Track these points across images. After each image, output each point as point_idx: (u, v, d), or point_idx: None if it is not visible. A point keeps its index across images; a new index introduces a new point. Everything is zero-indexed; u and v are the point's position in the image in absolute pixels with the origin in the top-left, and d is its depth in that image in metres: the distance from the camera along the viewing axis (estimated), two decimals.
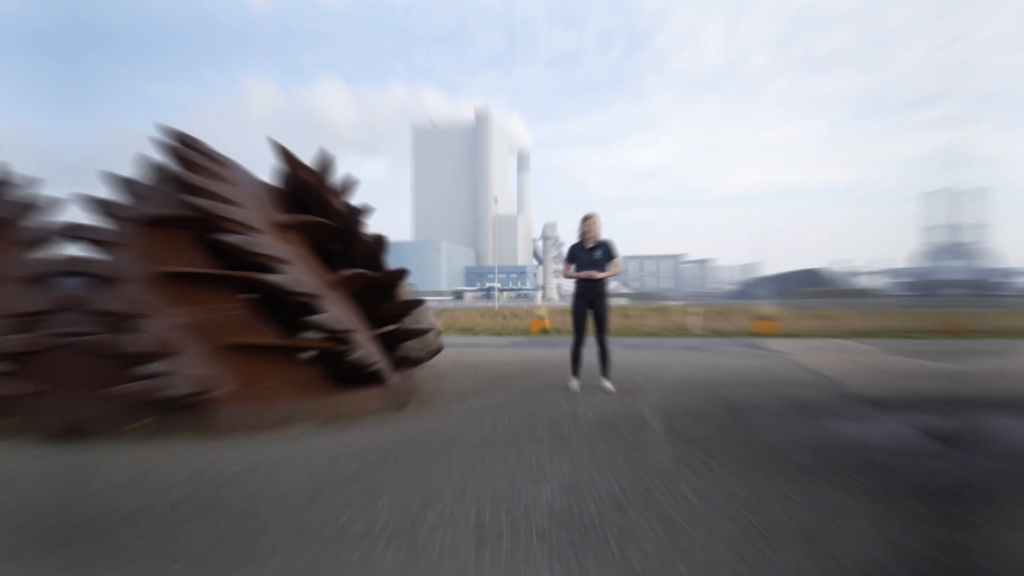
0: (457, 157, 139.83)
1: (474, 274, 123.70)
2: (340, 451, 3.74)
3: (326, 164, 5.64)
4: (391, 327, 5.57)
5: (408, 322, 8.04)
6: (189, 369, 4.06)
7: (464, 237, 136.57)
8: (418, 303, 5.98)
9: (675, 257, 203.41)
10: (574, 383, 6.44)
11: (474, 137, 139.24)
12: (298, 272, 4.59)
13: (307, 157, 5.92)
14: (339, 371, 5.26)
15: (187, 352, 4.12)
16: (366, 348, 4.76)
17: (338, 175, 5.91)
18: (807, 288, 77.98)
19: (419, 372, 7.74)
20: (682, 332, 17.45)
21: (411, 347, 7.95)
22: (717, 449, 3.76)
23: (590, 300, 6.31)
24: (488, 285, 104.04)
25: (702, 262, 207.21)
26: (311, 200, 5.35)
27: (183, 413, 4.08)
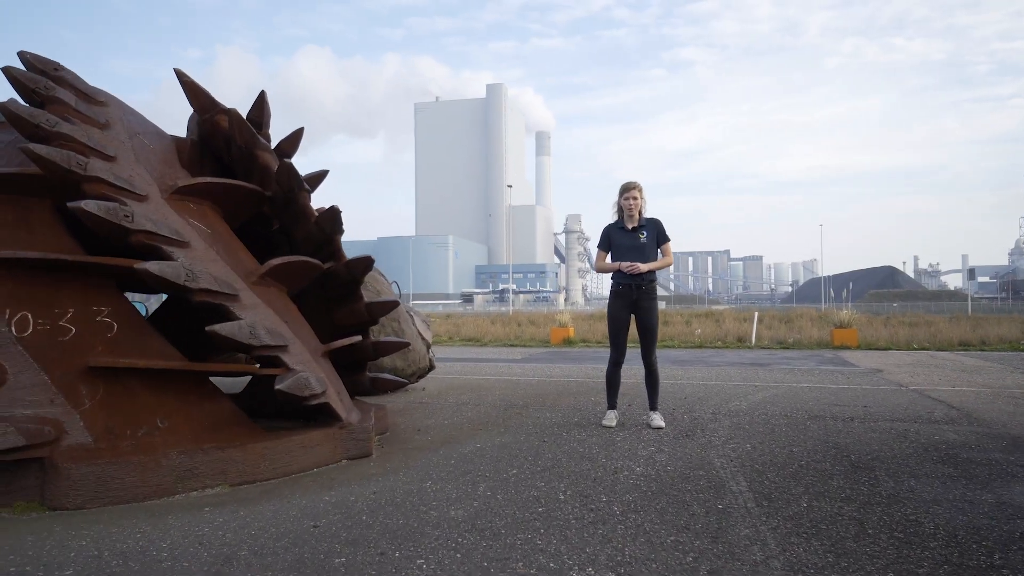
0: (466, 139, 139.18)
1: (486, 274, 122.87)
2: (241, 541, 2.66)
3: (261, 109, 4.61)
4: (350, 340, 4.49)
5: (389, 331, 6.98)
6: (15, 407, 3.01)
7: (474, 231, 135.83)
8: (392, 305, 4.90)
9: (718, 254, 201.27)
10: (611, 417, 5.32)
11: (485, 115, 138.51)
12: (197, 258, 3.53)
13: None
14: (272, 406, 4.20)
15: (16, 382, 3.07)
16: (303, 371, 3.68)
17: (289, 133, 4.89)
18: (883, 289, 75.92)
19: (399, 399, 6.66)
20: (739, 343, 16.23)
21: (389, 366, 6.89)
22: (856, 545, 2.62)
23: (634, 301, 5.18)
24: (502, 287, 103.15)
25: (751, 259, 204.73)
26: (237, 158, 4.30)
27: (3, 477, 3.03)
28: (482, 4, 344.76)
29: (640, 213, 5.28)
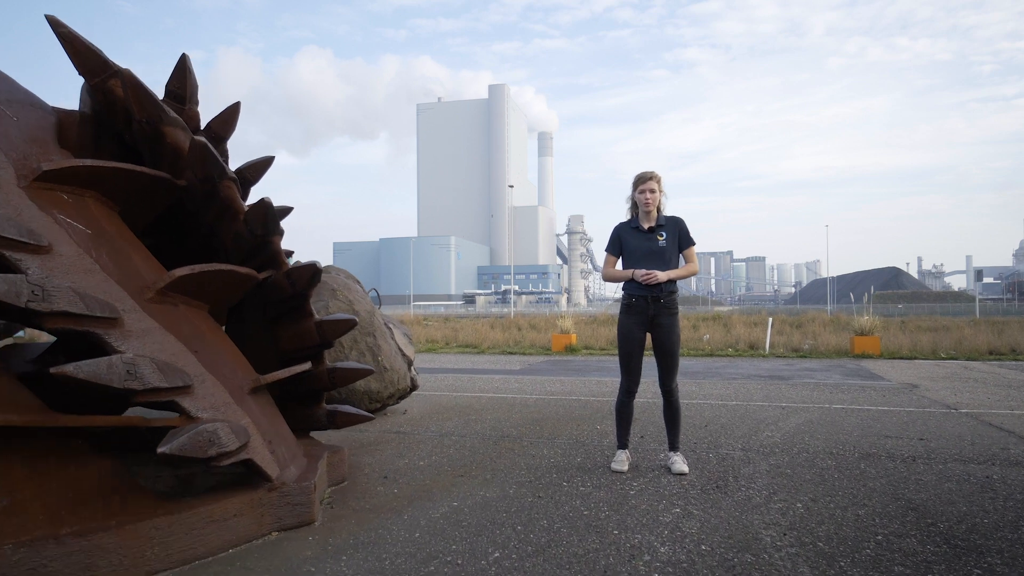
0: (468, 139, 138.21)
1: (488, 275, 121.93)
2: None
3: (183, 78, 3.63)
4: (290, 371, 3.50)
5: (362, 347, 6.00)
6: None
7: (476, 232, 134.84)
8: (348, 324, 3.91)
9: (721, 255, 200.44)
10: (621, 460, 4.32)
11: (488, 116, 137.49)
12: (60, 268, 2.54)
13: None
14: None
15: None
16: (209, 421, 2.70)
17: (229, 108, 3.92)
18: (887, 291, 74.76)
19: (373, 427, 5.62)
20: (752, 351, 15.20)
21: (363, 388, 5.91)
22: None
23: (650, 318, 4.19)
24: (504, 288, 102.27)
25: (754, 260, 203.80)
26: (140, 137, 3.32)
27: None
28: (485, 5, 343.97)
29: (659, 210, 4.29)
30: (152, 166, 3.33)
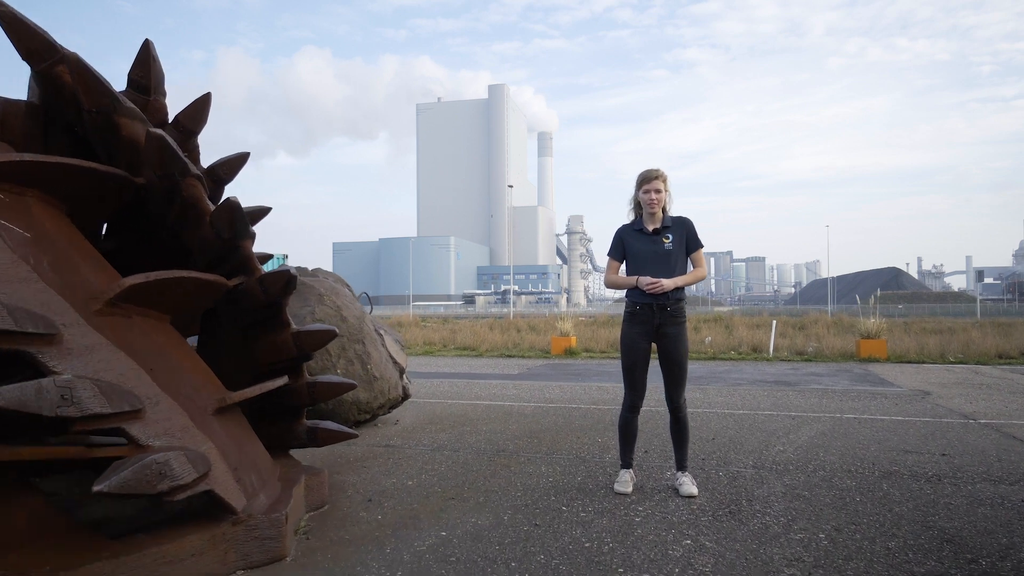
0: (468, 139, 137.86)
1: (487, 275, 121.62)
2: None
3: (147, 66, 3.31)
4: (261, 387, 3.18)
5: (351, 355, 5.67)
6: None
7: (476, 232, 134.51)
8: (327, 335, 3.59)
9: (720, 255, 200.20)
10: (625, 480, 4.00)
11: (487, 116, 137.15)
12: None
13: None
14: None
15: None
16: (161, 450, 2.37)
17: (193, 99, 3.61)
18: (888, 291, 74.47)
19: (362, 441, 5.27)
20: (755, 354, 14.87)
21: (351, 399, 5.58)
22: None
23: (656, 327, 3.87)
24: (504, 288, 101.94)
25: (754, 260, 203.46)
26: (92, 129, 2.99)
27: None
28: (485, 5, 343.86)
29: (664, 211, 3.97)
30: (107, 162, 3.00)
